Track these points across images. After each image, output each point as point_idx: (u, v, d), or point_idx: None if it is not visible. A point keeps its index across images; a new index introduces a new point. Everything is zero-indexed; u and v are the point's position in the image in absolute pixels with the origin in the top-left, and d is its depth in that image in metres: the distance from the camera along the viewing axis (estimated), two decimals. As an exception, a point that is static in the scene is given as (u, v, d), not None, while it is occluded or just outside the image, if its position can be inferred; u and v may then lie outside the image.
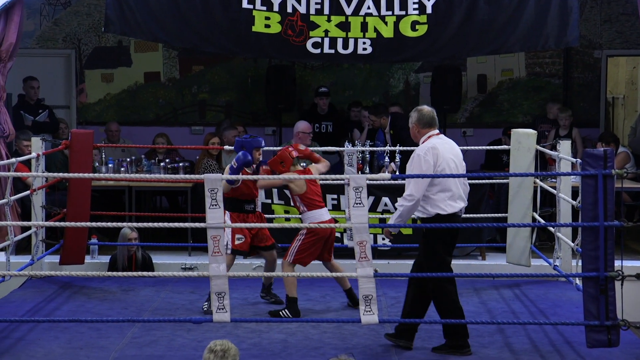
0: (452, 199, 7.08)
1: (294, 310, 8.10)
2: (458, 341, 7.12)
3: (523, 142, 9.28)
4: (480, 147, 11.29)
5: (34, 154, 9.16)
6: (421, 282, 7.15)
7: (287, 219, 10.03)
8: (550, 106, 12.73)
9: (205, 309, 8.16)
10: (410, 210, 7.05)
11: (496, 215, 10.03)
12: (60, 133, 12.01)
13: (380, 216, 10.05)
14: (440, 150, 7.05)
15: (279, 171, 8.11)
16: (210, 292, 7.10)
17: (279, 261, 8.49)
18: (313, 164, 8.47)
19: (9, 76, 10.14)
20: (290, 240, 8.27)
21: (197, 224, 8.23)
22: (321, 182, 9.57)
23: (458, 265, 9.92)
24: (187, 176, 9.87)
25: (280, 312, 8.11)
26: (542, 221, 9.32)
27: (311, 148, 10.67)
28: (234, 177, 7.83)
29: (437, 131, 7.20)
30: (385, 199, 10.17)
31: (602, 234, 6.71)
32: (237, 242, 8.20)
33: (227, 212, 8.13)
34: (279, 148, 9.27)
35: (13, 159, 8.64)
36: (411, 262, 7.46)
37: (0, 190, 9.76)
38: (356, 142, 11.00)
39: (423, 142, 7.17)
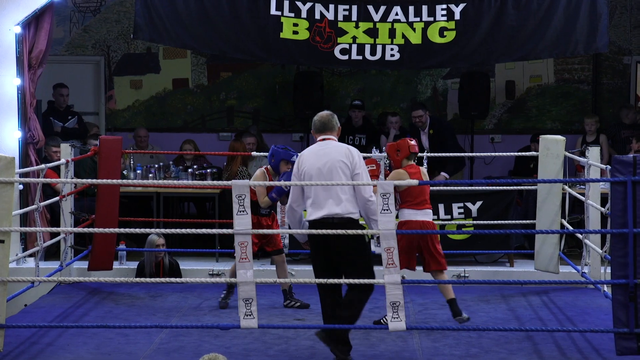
0: (313, 206, 7.05)
1: (456, 310, 7.82)
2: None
3: (552, 148, 9.23)
4: (508, 154, 11.27)
5: (63, 160, 9.22)
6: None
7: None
8: (625, 112, 12.60)
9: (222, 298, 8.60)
10: (288, 215, 7.25)
11: (524, 221, 9.98)
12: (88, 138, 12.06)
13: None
14: (304, 157, 7.14)
15: (392, 158, 7.99)
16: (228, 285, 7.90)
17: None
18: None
19: (39, 83, 10.21)
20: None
21: (224, 230, 8.25)
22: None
23: (486, 271, 9.90)
24: (215, 182, 9.89)
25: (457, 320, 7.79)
26: (571, 228, 9.26)
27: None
28: (284, 183, 7.86)
29: (324, 137, 7.19)
30: None
31: (632, 240, 6.70)
32: None
33: None
34: None
35: (43, 165, 8.71)
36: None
37: (29, 197, 9.84)
38: (383, 148, 10.98)
39: None
